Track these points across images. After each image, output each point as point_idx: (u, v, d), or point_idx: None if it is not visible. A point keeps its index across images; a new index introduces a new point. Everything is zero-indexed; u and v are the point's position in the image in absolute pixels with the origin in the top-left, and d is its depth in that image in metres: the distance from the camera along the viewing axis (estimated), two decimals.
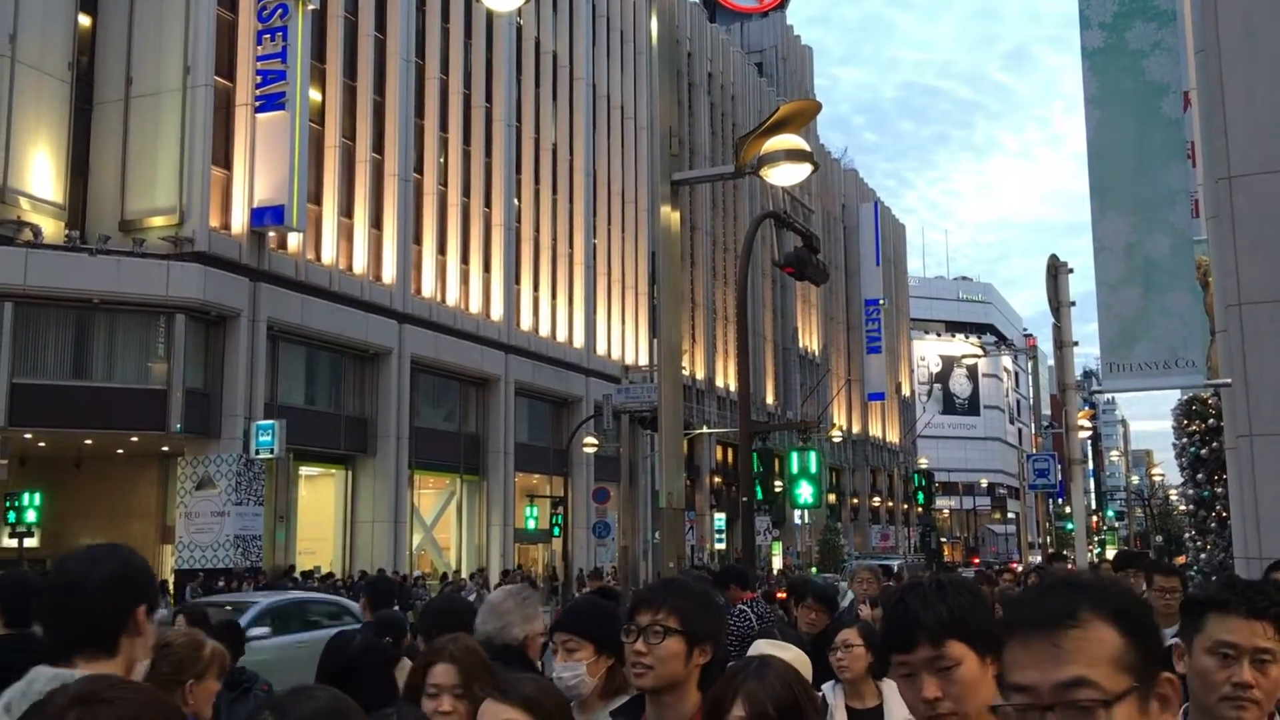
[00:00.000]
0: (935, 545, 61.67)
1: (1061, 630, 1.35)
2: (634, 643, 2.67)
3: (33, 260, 24.65)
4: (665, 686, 2.65)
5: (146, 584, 2.47)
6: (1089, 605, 1.37)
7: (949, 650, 1.93)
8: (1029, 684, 1.35)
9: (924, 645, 1.93)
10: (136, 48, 27.39)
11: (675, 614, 2.67)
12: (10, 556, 24.53)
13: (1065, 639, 1.35)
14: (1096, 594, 1.40)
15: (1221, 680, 2.31)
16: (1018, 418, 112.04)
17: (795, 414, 55.59)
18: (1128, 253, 8.80)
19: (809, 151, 9.73)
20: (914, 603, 1.98)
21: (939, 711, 1.91)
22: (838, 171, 73.08)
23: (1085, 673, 1.33)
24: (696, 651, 2.67)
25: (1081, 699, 1.32)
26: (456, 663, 3.09)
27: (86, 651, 2.30)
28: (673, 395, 9.69)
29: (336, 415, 31.70)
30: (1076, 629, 1.35)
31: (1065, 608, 1.37)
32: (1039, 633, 1.36)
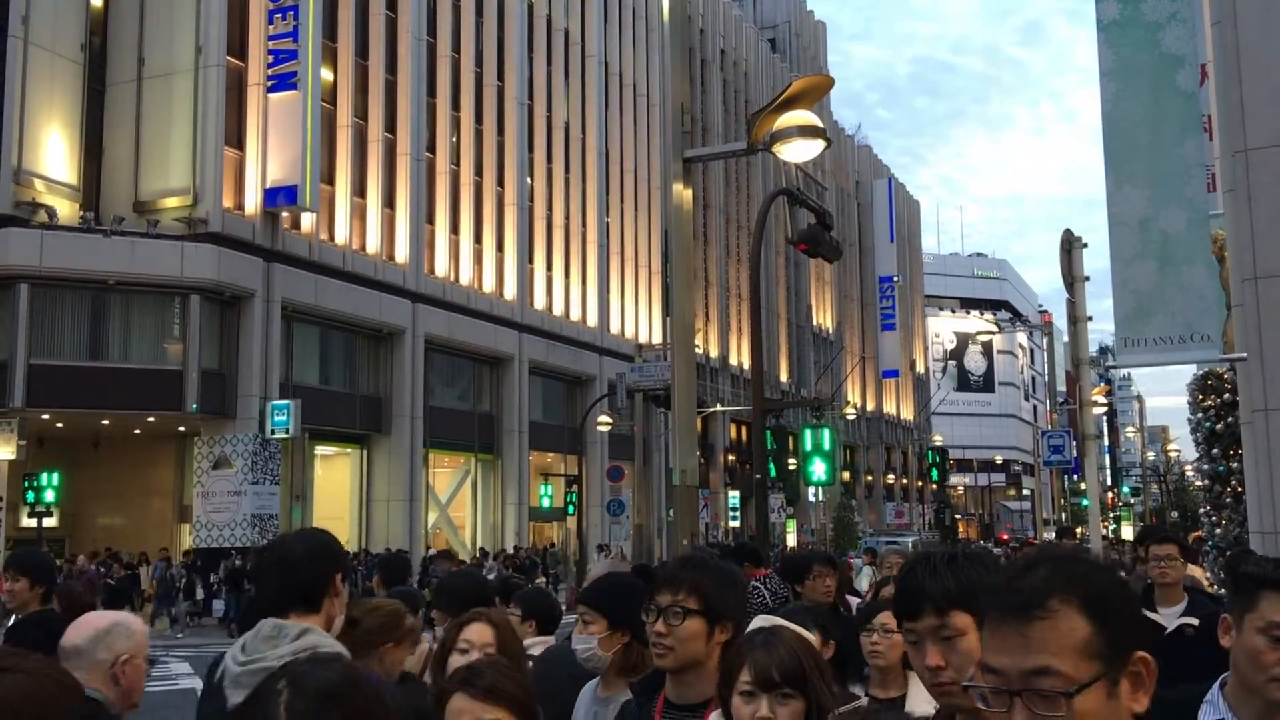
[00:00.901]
0: (950, 522, 61.66)
1: (1030, 621, 1.39)
2: (654, 623, 2.67)
3: (48, 242, 24.77)
4: (686, 666, 2.65)
5: (341, 557, 3.03)
6: (1060, 592, 1.40)
7: (953, 620, 1.96)
8: (1000, 668, 1.40)
9: (929, 614, 1.97)
10: (148, 28, 27.39)
11: (695, 594, 2.66)
12: (29, 536, 24.76)
13: (1033, 629, 1.39)
14: (1068, 578, 1.42)
15: (1272, 661, 2.28)
16: (1033, 394, 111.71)
17: (809, 391, 55.55)
18: (1143, 227, 8.75)
19: (822, 127, 9.69)
20: (923, 572, 2.02)
21: (941, 680, 1.95)
22: (851, 148, 72.70)
23: (1051, 662, 1.37)
24: (718, 630, 2.67)
25: (1046, 688, 1.36)
26: (494, 625, 3.11)
27: (297, 609, 2.82)
28: (686, 373, 9.69)
29: (351, 395, 31.81)
30: (1045, 620, 1.39)
31: (1036, 596, 1.40)
32: (1010, 621, 1.41)
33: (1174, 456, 69.47)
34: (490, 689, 2.16)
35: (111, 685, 2.87)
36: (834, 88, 11.48)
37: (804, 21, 68.68)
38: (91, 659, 2.87)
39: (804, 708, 2.42)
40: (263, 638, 2.75)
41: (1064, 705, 1.36)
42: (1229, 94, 8.54)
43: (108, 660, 2.89)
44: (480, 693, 2.15)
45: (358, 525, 32.14)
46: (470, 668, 2.25)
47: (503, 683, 2.19)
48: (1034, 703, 1.37)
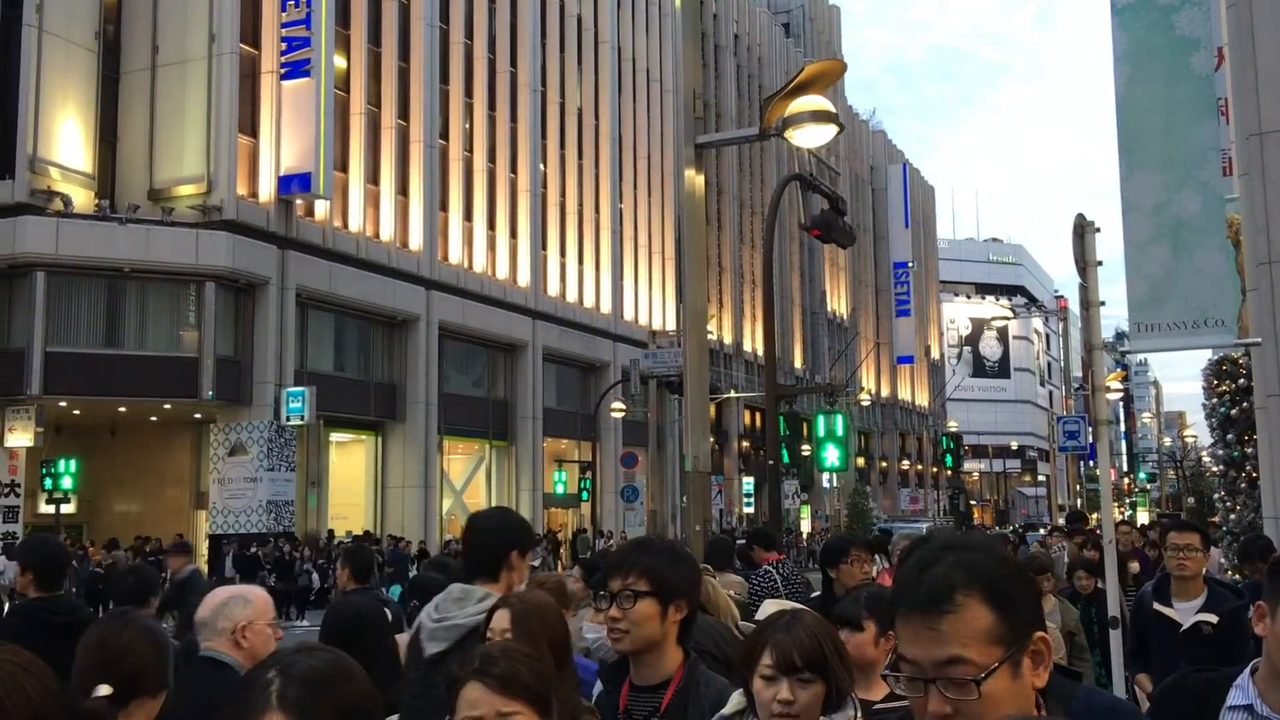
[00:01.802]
0: (964, 508, 61.57)
1: (939, 615, 1.50)
2: (608, 608, 2.71)
3: (64, 230, 24.89)
4: (644, 648, 2.69)
5: (522, 536, 3.47)
6: (963, 586, 1.51)
7: None
8: (914, 658, 1.51)
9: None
10: (162, 16, 27.45)
11: (644, 576, 2.69)
12: (47, 522, 24.98)
13: (942, 623, 1.50)
14: (969, 571, 1.53)
15: None
16: (1049, 380, 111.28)
17: (824, 377, 55.46)
18: (1157, 212, 8.70)
19: (834, 112, 9.66)
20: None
21: None
22: (866, 133, 72.40)
23: (960, 652, 1.49)
24: (671, 609, 2.70)
25: (957, 675, 1.48)
26: (513, 611, 3.07)
27: (482, 577, 3.32)
28: (698, 359, 9.70)
29: (366, 382, 31.92)
30: (952, 614, 1.50)
31: (942, 592, 1.51)
32: (920, 616, 1.51)
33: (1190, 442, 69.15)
34: (506, 679, 2.07)
35: (236, 649, 3.24)
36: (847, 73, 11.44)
37: (818, 6, 68.34)
38: (215, 628, 3.28)
39: (824, 691, 2.47)
40: (452, 599, 3.28)
41: (974, 689, 1.48)
42: (1243, 77, 8.49)
43: (228, 628, 3.27)
44: (496, 683, 2.05)
45: (373, 512, 32.28)
46: (485, 654, 2.18)
47: (519, 672, 2.10)
48: (947, 688, 1.48)
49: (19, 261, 24.78)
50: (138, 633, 2.86)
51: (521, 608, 2.91)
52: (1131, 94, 8.65)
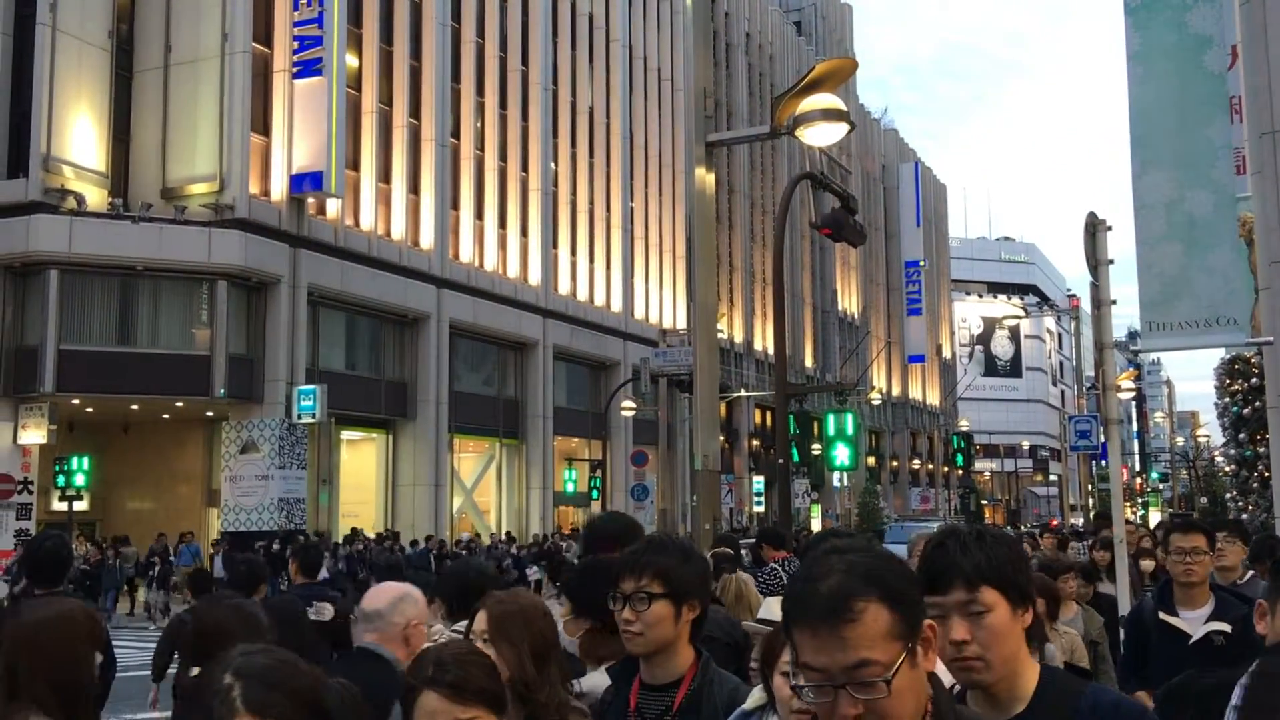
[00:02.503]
0: (975, 508, 61.40)
1: (844, 624, 1.56)
2: (621, 610, 2.69)
3: (77, 228, 25.00)
4: (658, 649, 2.69)
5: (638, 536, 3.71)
6: (861, 591, 1.58)
7: (982, 596, 1.98)
8: (822, 666, 1.57)
9: (958, 588, 1.99)
10: (175, 15, 27.53)
11: (658, 578, 2.67)
12: (60, 520, 25.08)
13: (848, 630, 1.56)
14: (864, 578, 1.59)
15: None
16: (1061, 379, 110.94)
17: (834, 376, 55.40)
18: (1169, 210, 8.67)
19: (845, 111, 9.65)
20: (953, 547, 2.04)
21: (965, 654, 1.97)
22: (877, 132, 72.25)
23: (868, 654, 1.55)
24: (685, 609, 2.70)
25: (867, 677, 1.55)
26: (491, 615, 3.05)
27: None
28: (708, 358, 9.71)
29: (377, 380, 31.98)
30: (856, 621, 1.56)
31: (843, 601, 1.57)
32: (824, 626, 1.57)
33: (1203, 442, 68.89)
34: (459, 685, 2.07)
35: (402, 646, 3.31)
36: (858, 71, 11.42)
37: (830, 4, 68.22)
38: (389, 622, 3.34)
39: None
40: None
41: (885, 688, 1.55)
42: (1256, 75, 8.44)
43: (400, 624, 3.33)
44: (450, 690, 2.06)
45: (383, 510, 32.35)
46: (437, 661, 2.15)
47: (472, 677, 2.10)
48: (858, 690, 1.55)
49: (32, 260, 24.90)
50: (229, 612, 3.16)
51: (500, 610, 2.89)
52: (1144, 93, 8.63)
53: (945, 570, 2.01)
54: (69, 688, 2.66)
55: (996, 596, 1.99)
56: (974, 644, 1.96)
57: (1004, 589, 2.00)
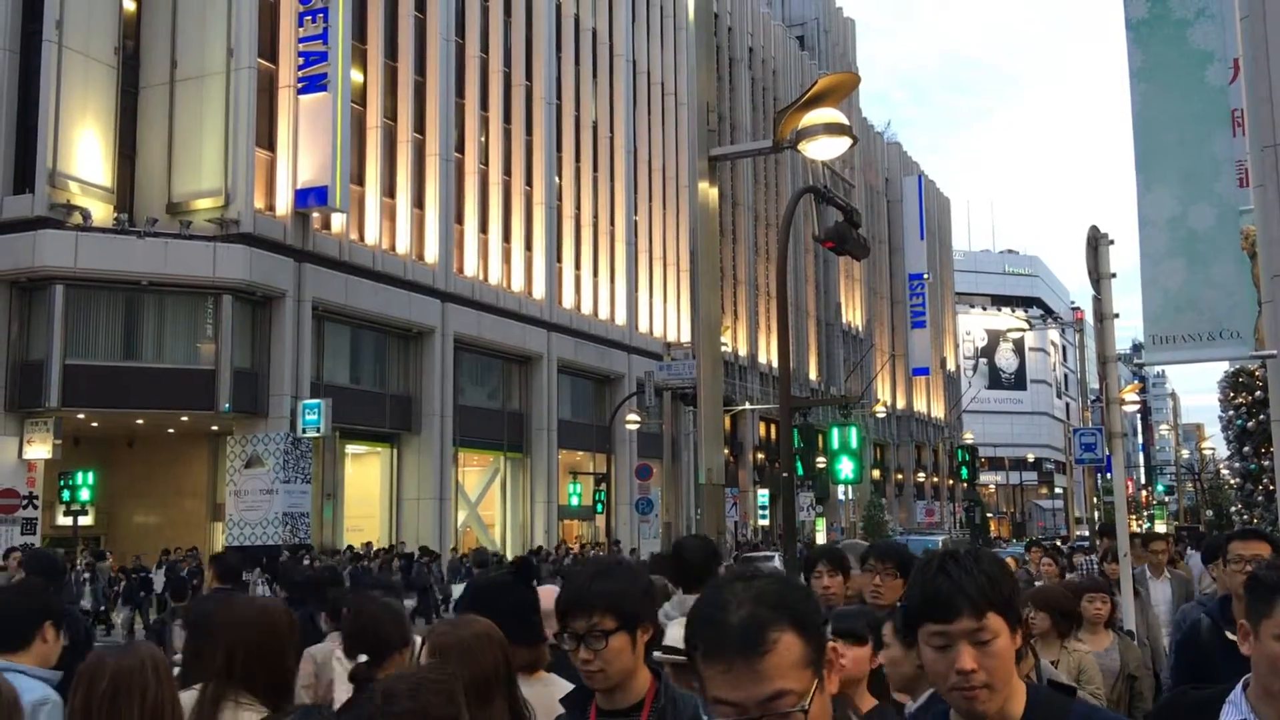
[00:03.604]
0: (980, 520, 61.30)
1: (758, 657, 1.53)
2: (576, 650, 2.57)
3: (83, 243, 25.07)
4: (620, 681, 2.59)
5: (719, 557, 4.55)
6: (773, 622, 1.55)
7: (989, 623, 1.92)
8: (737, 700, 1.53)
9: (966, 616, 1.92)
10: (181, 31, 27.66)
11: (610, 611, 2.56)
12: (65, 534, 25.10)
13: (762, 663, 1.53)
14: (774, 607, 1.57)
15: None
16: (1065, 392, 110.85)
17: (839, 389, 55.37)
18: (1172, 225, 8.68)
19: (847, 125, 9.68)
20: (956, 573, 1.95)
21: (972, 684, 1.91)
22: (881, 145, 72.39)
23: (782, 685, 1.53)
24: (639, 634, 2.61)
25: (784, 708, 1.53)
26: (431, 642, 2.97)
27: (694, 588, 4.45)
28: (712, 371, 9.73)
29: (381, 394, 32.01)
30: (770, 653, 1.53)
31: (756, 633, 1.54)
32: (739, 659, 1.53)
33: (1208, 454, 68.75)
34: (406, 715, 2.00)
35: None
36: (861, 85, 11.47)
37: (833, 18, 68.42)
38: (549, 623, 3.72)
39: None
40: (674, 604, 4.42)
41: (801, 717, 1.53)
42: (1258, 88, 8.47)
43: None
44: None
45: (388, 524, 32.34)
46: (386, 691, 2.09)
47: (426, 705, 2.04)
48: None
49: (38, 274, 24.97)
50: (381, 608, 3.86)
51: (441, 640, 2.81)
52: (1147, 109, 8.65)
53: (950, 597, 1.93)
54: (275, 673, 3.05)
55: (1000, 622, 1.93)
56: (981, 672, 1.90)
57: (1005, 613, 1.95)
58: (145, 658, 2.78)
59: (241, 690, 2.96)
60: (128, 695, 2.67)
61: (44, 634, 3.45)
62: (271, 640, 3.06)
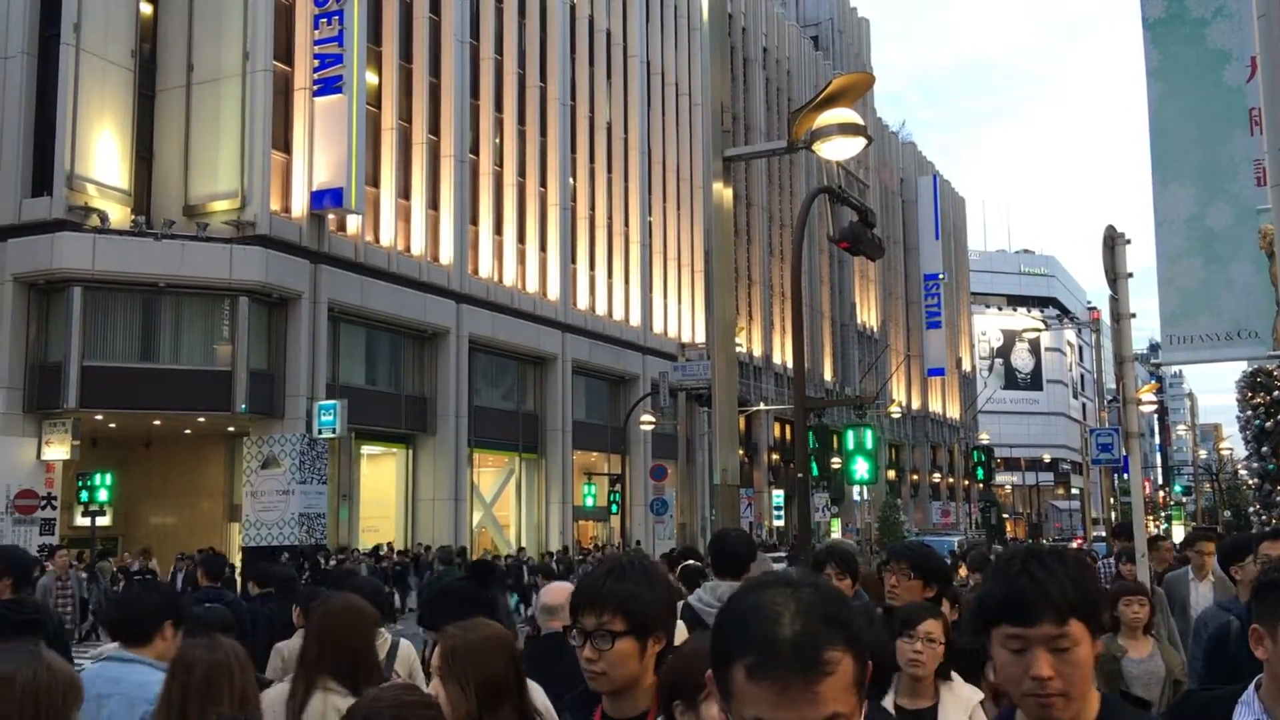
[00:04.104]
0: (997, 521, 61.02)
1: (818, 679, 1.40)
2: (582, 648, 2.48)
3: (100, 245, 25.21)
4: (623, 687, 2.49)
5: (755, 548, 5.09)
6: (830, 644, 1.42)
7: (1071, 629, 1.84)
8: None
9: (1047, 621, 1.83)
10: (197, 34, 27.80)
11: (621, 612, 2.45)
12: (83, 535, 25.23)
13: (821, 685, 1.40)
14: (828, 620, 1.44)
15: None
16: (1082, 392, 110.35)
17: (854, 390, 55.25)
18: (1189, 225, 8.64)
19: (862, 125, 9.67)
20: (1040, 574, 1.86)
21: (1048, 690, 1.83)
22: (896, 145, 72.21)
23: (836, 709, 1.41)
24: (650, 643, 2.49)
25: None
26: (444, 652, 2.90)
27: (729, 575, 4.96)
28: (727, 372, 9.72)
29: (396, 395, 32.09)
30: (830, 675, 1.41)
31: (816, 653, 1.41)
32: (797, 680, 1.40)
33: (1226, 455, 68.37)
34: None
35: None
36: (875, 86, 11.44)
37: (847, 19, 68.30)
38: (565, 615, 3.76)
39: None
40: (708, 588, 4.86)
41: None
42: (1276, 87, 8.42)
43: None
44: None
45: (404, 524, 32.42)
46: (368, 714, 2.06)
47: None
48: None
49: (56, 277, 25.12)
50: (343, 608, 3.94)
51: (452, 645, 2.77)
52: (1164, 108, 8.61)
53: (1034, 601, 1.84)
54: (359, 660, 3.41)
55: (1083, 629, 1.85)
56: (1058, 679, 1.82)
57: (1088, 619, 1.87)
58: (231, 652, 3.09)
59: (329, 677, 3.37)
60: (219, 685, 2.99)
61: (164, 632, 3.78)
62: (355, 631, 3.45)
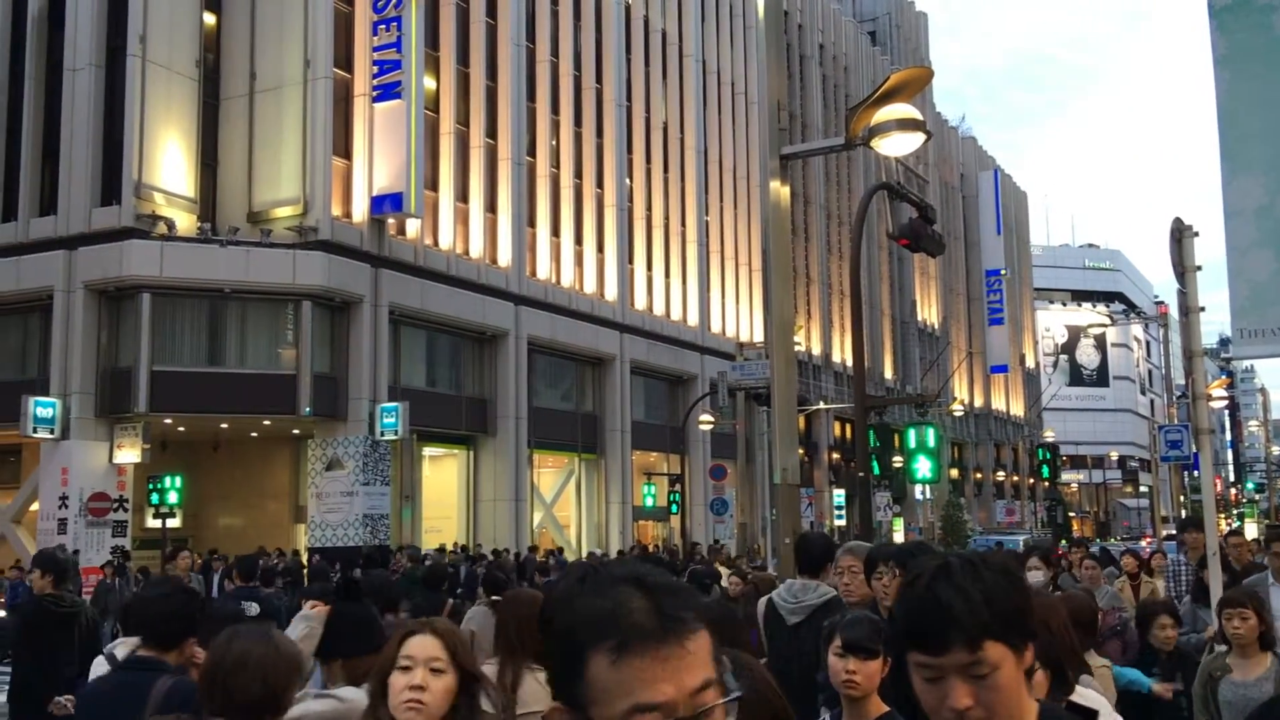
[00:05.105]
0: (1063, 520, 60.08)
1: (689, 635, 1.32)
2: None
3: (167, 253, 25.73)
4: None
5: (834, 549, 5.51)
6: (691, 606, 1.36)
7: (987, 654, 1.63)
8: (666, 699, 1.29)
9: (958, 648, 1.63)
10: (259, 44, 28.24)
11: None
12: (154, 537, 25.75)
13: (692, 643, 1.32)
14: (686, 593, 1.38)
15: None
16: (1150, 388, 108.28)
17: (915, 388, 54.70)
18: (1259, 215, 8.41)
19: (921, 120, 9.58)
20: (947, 593, 1.65)
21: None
22: (955, 140, 71.38)
23: (709, 673, 1.33)
24: None
25: (710, 700, 1.31)
26: (439, 636, 2.82)
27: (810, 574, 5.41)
28: (785, 371, 9.67)
29: (457, 396, 32.35)
30: (698, 633, 1.33)
31: (681, 613, 1.33)
32: (669, 643, 1.31)
33: None
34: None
35: None
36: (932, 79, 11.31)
37: (904, 13, 67.64)
38: None
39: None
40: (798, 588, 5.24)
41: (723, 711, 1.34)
42: None
43: None
44: None
45: (465, 525, 32.66)
46: None
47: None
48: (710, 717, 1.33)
49: (126, 284, 25.68)
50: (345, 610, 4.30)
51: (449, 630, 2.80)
52: (1232, 97, 8.40)
53: (939, 628, 1.63)
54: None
55: (1002, 650, 1.64)
56: (978, 708, 1.63)
57: (1008, 638, 1.66)
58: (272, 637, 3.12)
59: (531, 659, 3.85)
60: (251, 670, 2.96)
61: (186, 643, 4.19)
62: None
